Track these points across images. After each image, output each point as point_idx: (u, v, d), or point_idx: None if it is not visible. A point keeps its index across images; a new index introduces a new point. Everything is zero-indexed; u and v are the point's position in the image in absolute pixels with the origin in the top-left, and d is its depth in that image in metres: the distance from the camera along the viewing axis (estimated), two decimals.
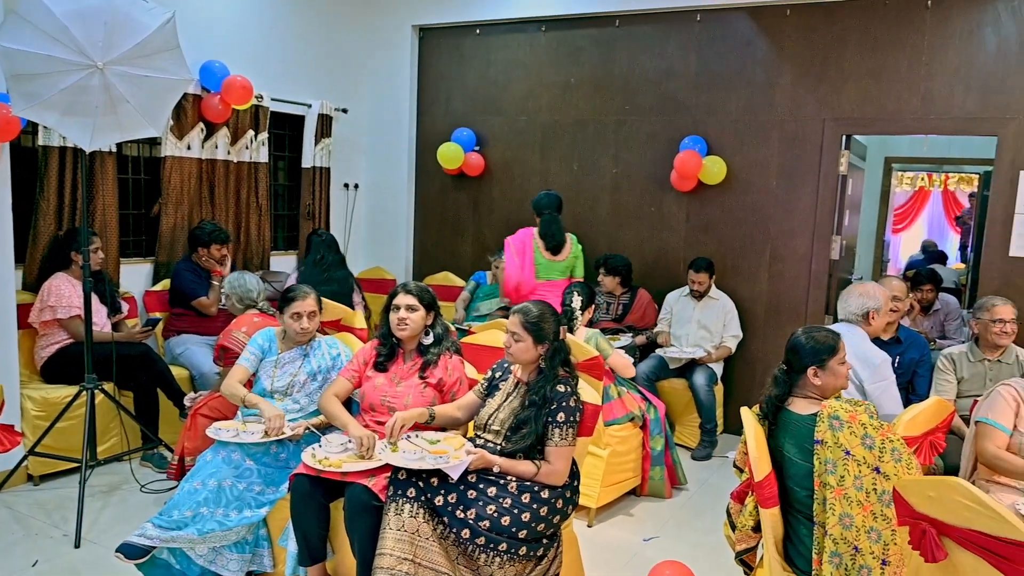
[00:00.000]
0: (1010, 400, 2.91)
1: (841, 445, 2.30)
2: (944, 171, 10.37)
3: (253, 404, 2.98)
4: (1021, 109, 4.38)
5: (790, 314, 4.96)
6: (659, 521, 3.83)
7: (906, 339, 3.94)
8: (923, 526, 2.10)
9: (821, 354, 2.46)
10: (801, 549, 2.44)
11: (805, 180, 4.93)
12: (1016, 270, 4.46)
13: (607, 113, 5.51)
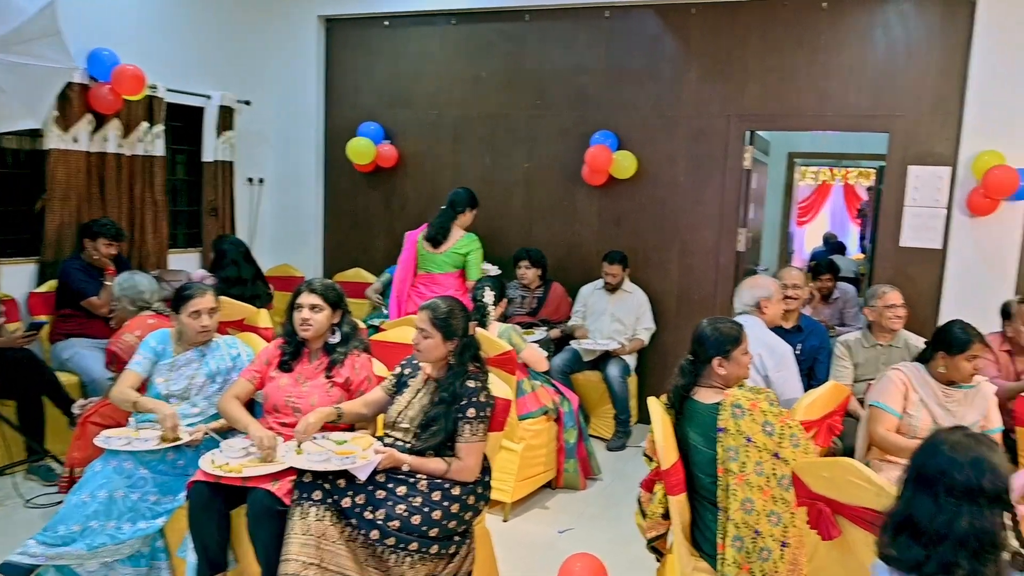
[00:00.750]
0: (899, 383, 3.09)
1: (743, 432, 2.39)
2: (844, 166, 10.93)
3: (146, 408, 2.85)
4: (909, 107, 4.66)
5: (700, 306, 5.12)
6: (574, 513, 3.88)
7: (807, 327, 4.12)
8: (819, 506, 2.22)
9: (725, 345, 2.55)
10: (707, 534, 2.52)
11: (712, 174, 5.10)
12: (907, 259, 4.75)
13: (519, 107, 5.54)
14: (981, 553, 1.47)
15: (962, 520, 1.47)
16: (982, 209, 4.43)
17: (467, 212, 4.76)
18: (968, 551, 1.47)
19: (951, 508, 1.49)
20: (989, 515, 1.48)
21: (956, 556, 1.47)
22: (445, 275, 4.65)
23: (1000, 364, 3.68)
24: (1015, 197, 4.33)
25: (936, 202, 4.65)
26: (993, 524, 1.48)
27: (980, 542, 1.47)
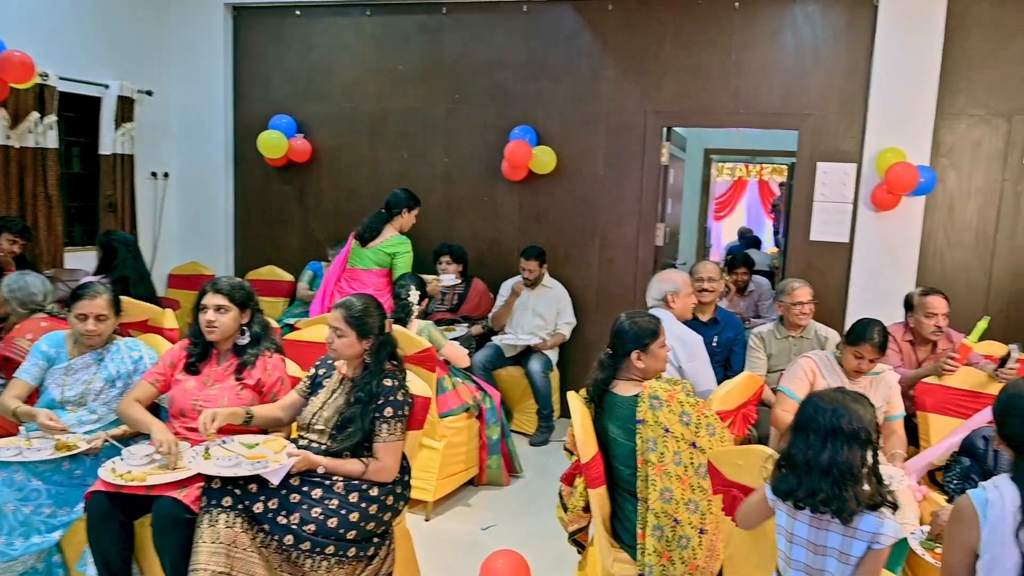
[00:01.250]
0: (807, 370, 3.24)
1: (661, 423, 2.45)
2: (758, 162, 11.33)
3: (25, 416, 2.70)
4: (818, 106, 4.87)
5: (620, 300, 5.22)
6: (497, 509, 3.91)
7: (723, 320, 4.26)
8: (734, 492, 2.29)
9: (644, 338, 2.61)
10: (627, 525, 2.58)
11: (630, 170, 5.20)
12: (817, 253, 4.97)
13: (437, 101, 5.52)
14: (841, 482, 1.75)
15: (824, 454, 1.78)
16: (885, 204, 4.67)
17: (404, 213, 4.70)
18: (830, 480, 1.76)
19: (817, 445, 1.80)
20: (847, 451, 1.77)
21: (820, 484, 1.77)
22: (368, 272, 4.60)
23: (903, 354, 3.88)
24: (915, 192, 4.58)
25: (843, 197, 4.87)
26: (850, 458, 1.77)
27: (840, 472, 1.76)
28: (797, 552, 1.84)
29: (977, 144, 4.70)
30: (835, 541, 1.80)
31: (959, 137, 4.72)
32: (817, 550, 1.81)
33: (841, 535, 1.79)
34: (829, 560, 1.81)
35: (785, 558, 1.87)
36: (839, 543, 1.79)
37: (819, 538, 1.81)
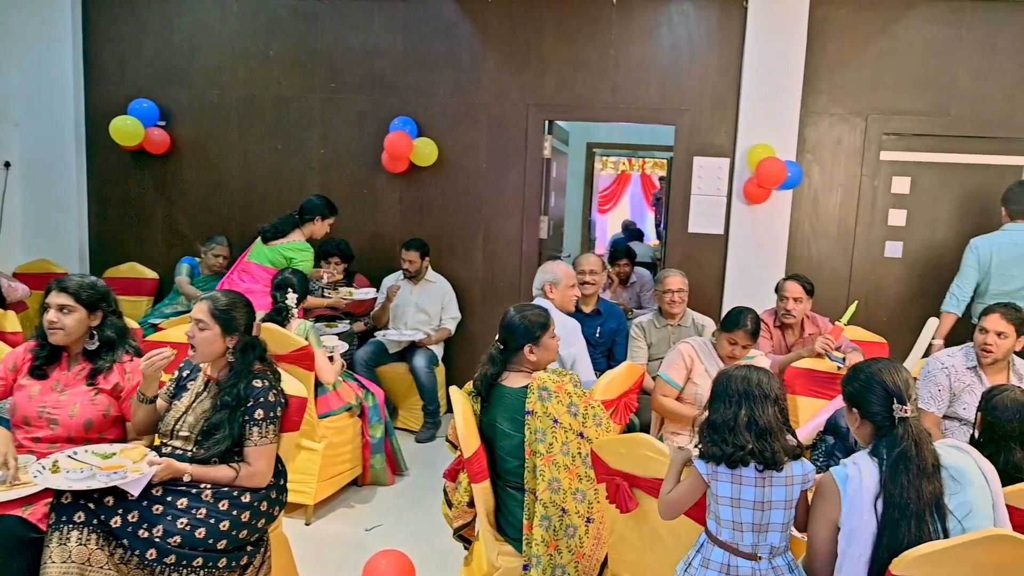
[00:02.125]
0: (685, 356, 3.38)
1: (550, 414, 2.51)
2: (640, 156, 11.72)
3: None
4: (693, 102, 5.08)
5: (505, 293, 5.27)
6: (382, 509, 3.87)
7: (605, 311, 4.38)
8: (617, 480, 2.36)
9: (535, 331, 2.66)
10: (511, 519, 2.61)
11: (513, 163, 5.25)
12: (695, 244, 5.19)
13: (312, 90, 5.37)
14: (764, 435, 1.96)
15: (743, 414, 1.98)
16: (756, 197, 4.93)
17: (318, 221, 4.57)
18: (754, 434, 1.96)
19: (735, 408, 2.00)
20: (762, 409, 1.98)
21: (746, 439, 1.96)
22: (261, 267, 4.43)
23: (774, 339, 4.12)
24: (784, 186, 4.86)
25: (718, 191, 5.11)
26: (766, 415, 1.98)
27: (760, 427, 1.96)
28: (744, 515, 1.98)
29: (838, 141, 5.05)
30: (780, 494, 1.97)
31: (822, 134, 5.05)
32: (764, 506, 1.97)
33: (784, 486, 1.98)
34: (775, 512, 1.98)
35: (734, 524, 2.00)
36: (783, 494, 1.98)
37: (765, 495, 1.97)
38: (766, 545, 1.98)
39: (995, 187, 4.96)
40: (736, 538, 1.99)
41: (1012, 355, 3.21)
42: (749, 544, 1.98)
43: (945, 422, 3.26)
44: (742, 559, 1.98)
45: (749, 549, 1.98)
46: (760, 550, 1.98)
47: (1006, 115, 4.88)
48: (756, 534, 1.98)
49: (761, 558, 1.98)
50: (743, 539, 1.98)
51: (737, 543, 1.99)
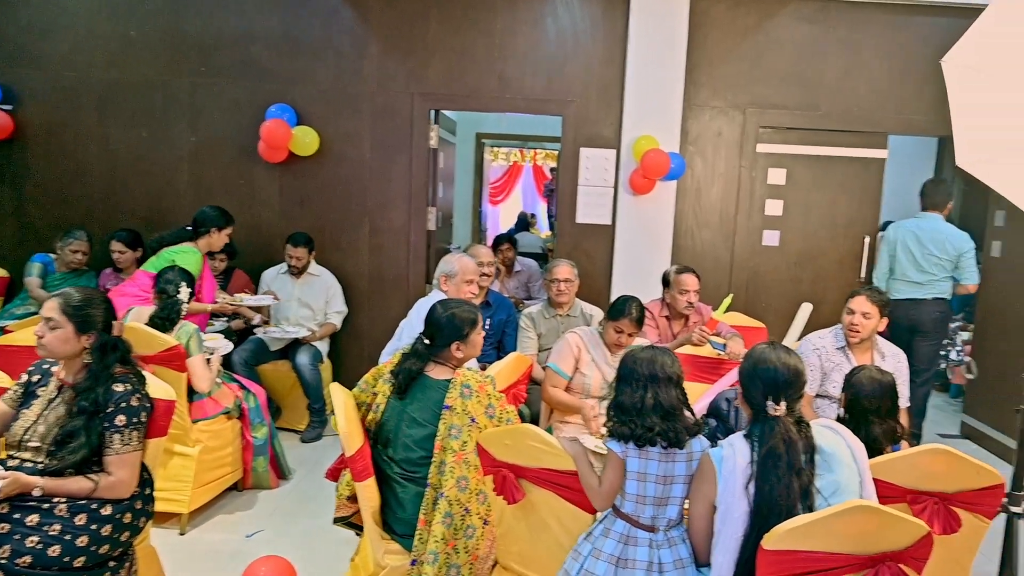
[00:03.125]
0: (573, 346, 3.44)
1: (468, 412, 2.51)
2: (531, 147, 11.84)
3: None
4: (579, 93, 5.16)
5: (393, 285, 5.20)
6: (265, 514, 3.75)
7: (495, 302, 4.40)
8: (503, 472, 2.37)
9: (463, 328, 2.65)
10: (399, 514, 2.58)
11: (398, 152, 5.18)
12: (583, 235, 5.28)
13: (180, 74, 5.11)
14: (668, 416, 2.09)
15: (648, 396, 2.10)
16: (642, 188, 5.07)
17: (214, 233, 4.26)
18: (658, 415, 2.08)
19: (641, 391, 2.12)
20: (666, 391, 2.11)
21: (652, 420, 2.08)
22: (147, 274, 4.12)
23: (660, 328, 4.25)
24: (668, 177, 5.02)
25: (604, 182, 5.22)
26: (670, 397, 2.11)
27: (664, 409, 2.09)
28: (649, 488, 2.11)
29: (718, 133, 5.26)
30: (682, 468, 2.12)
31: (703, 126, 5.25)
32: (667, 480, 2.11)
33: (685, 462, 2.12)
34: (676, 487, 2.12)
35: (639, 498, 2.12)
36: (685, 469, 2.12)
37: (668, 470, 2.11)
38: (664, 518, 2.12)
39: (862, 179, 5.31)
40: (638, 511, 2.12)
41: (876, 335, 3.44)
42: (649, 517, 2.12)
43: (817, 400, 3.45)
44: (641, 530, 2.12)
45: (648, 521, 2.12)
46: (658, 522, 2.12)
47: (870, 110, 5.21)
48: (656, 507, 2.12)
49: (658, 530, 2.12)
50: (644, 512, 2.12)
51: (638, 515, 2.12)
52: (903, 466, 2.29)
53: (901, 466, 2.29)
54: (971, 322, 6.21)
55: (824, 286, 5.36)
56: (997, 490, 2.29)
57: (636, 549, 2.10)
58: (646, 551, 2.09)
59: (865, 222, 5.37)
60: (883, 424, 2.57)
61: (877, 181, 5.36)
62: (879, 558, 1.85)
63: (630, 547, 2.11)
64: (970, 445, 5.40)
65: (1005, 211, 5.20)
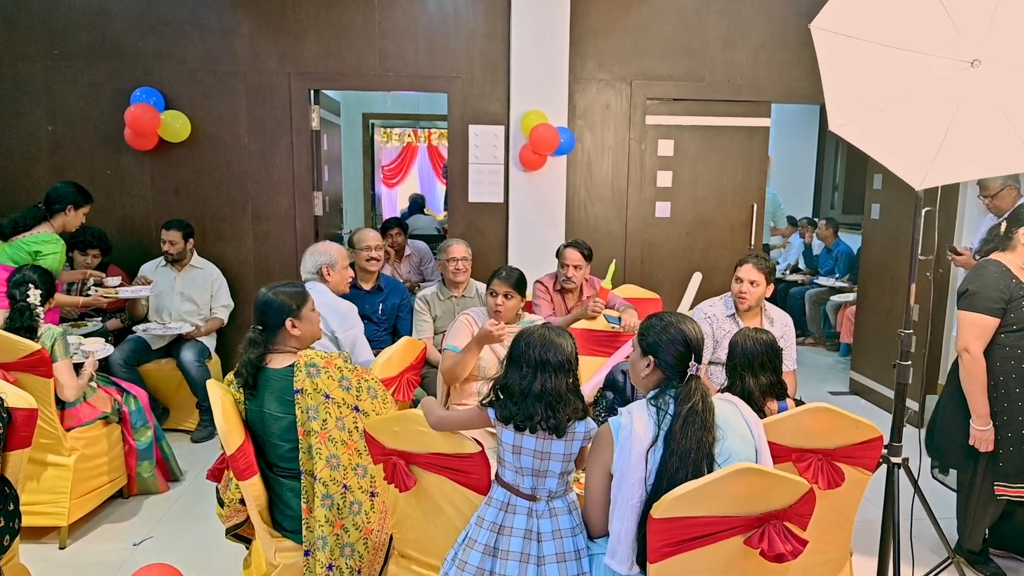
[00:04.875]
0: (467, 326, 3.40)
1: (320, 390, 2.44)
2: (423, 127, 11.68)
3: None
4: (464, 69, 5.10)
5: (282, 274, 5.04)
6: (153, 520, 3.61)
7: (387, 286, 4.33)
8: (393, 460, 2.33)
9: (293, 304, 2.57)
10: (287, 511, 2.52)
11: (279, 136, 5.00)
12: (476, 214, 5.25)
13: (29, 57, 4.77)
14: (553, 405, 2.05)
15: (536, 383, 2.06)
16: (533, 164, 5.08)
17: (70, 211, 4.05)
18: (543, 403, 2.05)
19: (530, 376, 2.07)
20: (555, 379, 2.06)
21: (535, 408, 2.05)
22: (5, 268, 3.81)
23: (555, 303, 4.27)
24: (558, 152, 5.04)
25: (495, 159, 5.20)
26: (558, 385, 2.06)
27: (551, 397, 2.05)
28: (525, 461, 2.10)
29: (606, 106, 5.31)
30: (559, 448, 2.09)
31: (591, 100, 5.28)
32: (543, 456, 2.09)
33: (564, 441, 2.10)
34: (553, 463, 2.10)
35: (516, 468, 2.12)
36: (562, 448, 2.10)
37: (545, 447, 2.09)
38: (544, 489, 2.12)
39: (747, 147, 5.48)
40: (517, 480, 2.13)
41: (764, 301, 3.55)
42: (528, 487, 2.12)
43: (709, 367, 3.55)
44: (521, 499, 2.13)
45: (528, 491, 2.13)
46: (539, 492, 2.12)
47: (752, 79, 5.37)
48: (535, 478, 2.12)
49: (539, 499, 2.12)
50: (523, 482, 2.13)
51: (518, 484, 2.13)
52: (788, 426, 2.37)
53: (786, 426, 2.37)
54: (855, 283, 6.55)
55: (716, 254, 5.52)
56: (876, 443, 2.40)
57: (515, 517, 2.11)
58: (524, 519, 2.10)
59: (752, 190, 5.55)
60: (759, 379, 2.69)
61: (762, 149, 5.55)
62: (765, 517, 1.90)
63: (509, 514, 2.12)
64: (858, 400, 5.71)
65: (882, 175, 5.48)
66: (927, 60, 2.47)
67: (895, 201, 5.37)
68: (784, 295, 7.83)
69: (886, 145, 2.62)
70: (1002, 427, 2.99)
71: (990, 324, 2.96)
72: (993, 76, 2.40)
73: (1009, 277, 2.96)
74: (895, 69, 2.52)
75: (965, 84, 2.42)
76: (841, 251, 7.76)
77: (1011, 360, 2.96)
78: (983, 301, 2.95)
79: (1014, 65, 2.38)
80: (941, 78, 2.46)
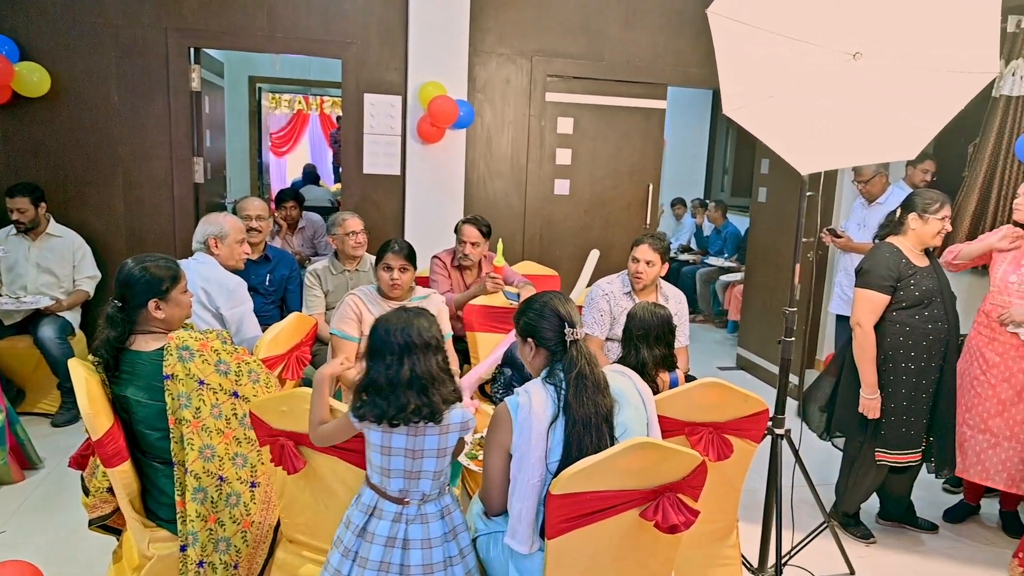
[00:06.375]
0: (353, 308, 3.32)
1: (194, 376, 2.30)
2: (315, 94, 11.30)
3: None
4: (359, 35, 4.94)
5: (157, 244, 4.77)
6: (7, 512, 3.36)
7: (275, 257, 4.18)
8: (281, 441, 2.24)
9: (161, 285, 2.39)
10: (162, 499, 2.39)
11: (154, 96, 4.70)
12: (371, 186, 5.13)
13: None
14: (426, 388, 1.93)
15: (404, 369, 1.93)
16: (431, 136, 4.99)
17: None
18: (416, 389, 1.93)
19: (396, 364, 1.94)
20: (424, 360, 1.95)
21: (408, 396, 1.92)
22: None
23: (452, 279, 4.24)
24: (457, 125, 4.98)
25: (391, 130, 5.08)
26: (429, 366, 1.96)
27: (423, 380, 1.94)
28: (395, 462, 1.97)
29: (506, 81, 5.27)
30: (432, 442, 1.98)
31: (491, 73, 5.24)
32: (415, 455, 1.97)
33: (437, 435, 1.98)
34: (427, 461, 1.98)
35: (383, 470, 1.99)
36: (436, 443, 1.98)
37: (416, 444, 1.97)
38: (417, 492, 2.00)
39: (644, 128, 5.58)
40: (384, 483, 2.00)
41: (659, 279, 3.64)
42: (397, 490, 1.99)
43: (607, 344, 3.61)
44: (389, 502, 2.00)
45: (397, 494, 2.00)
46: (410, 496, 2.00)
47: (650, 62, 5.46)
48: (407, 480, 1.99)
49: (409, 503, 2.00)
50: (391, 485, 2.00)
51: (385, 488, 2.01)
52: (680, 401, 2.44)
53: (679, 401, 2.44)
54: (743, 262, 6.83)
55: (613, 232, 5.62)
56: (763, 415, 2.52)
57: (379, 523, 1.99)
58: (388, 525, 1.98)
59: (648, 170, 5.67)
60: (653, 350, 2.81)
61: (658, 131, 5.67)
62: (660, 490, 1.95)
63: (374, 519, 1.99)
64: (744, 375, 5.98)
65: (769, 160, 5.71)
66: (814, 50, 2.57)
67: (781, 185, 5.61)
68: (676, 274, 8.10)
69: (775, 131, 2.73)
70: (887, 398, 3.22)
71: (881, 301, 3.19)
72: (872, 69, 2.52)
73: (900, 258, 3.20)
74: (785, 58, 2.62)
75: (848, 75, 2.54)
76: (730, 232, 8.09)
77: (899, 336, 3.19)
78: (875, 279, 3.18)
79: (891, 59, 2.51)
80: (826, 68, 2.57)
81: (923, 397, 3.24)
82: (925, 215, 3.20)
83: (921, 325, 3.18)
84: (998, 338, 3.40)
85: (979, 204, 4.23)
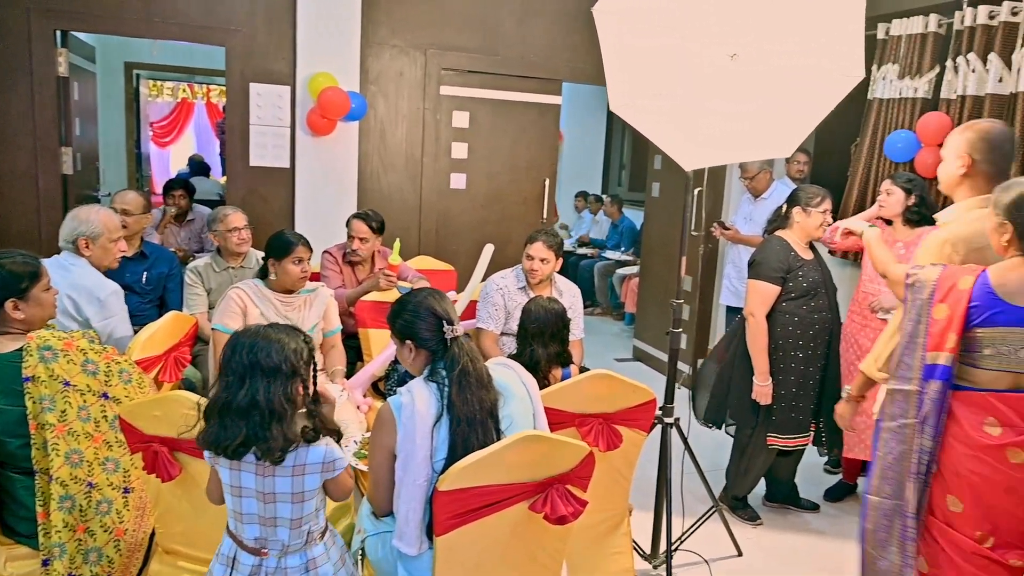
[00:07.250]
0: (237, 301, 3.22)
1: (58, 377, 2.18)
2: (200, 82, 10.86)
3: None
4: (245, 22, 4.77)
5: (21, 239, 4.45)
6: None
7: (152, 254, 3.99)
8: (154, 447, 2.15)
9: (20, 283, 2.26)
10: (22, 513, 2.27)
11: (16, 81, 4.40)
12: (258, 178, 4.96)
13: None
14: (263, 421, 1.73)
15: (242, 394, 1.74)
16: (321, 129, 4.87)
17: None
18: (251, 421, 1.73)
19: (236, 386, 1.75)
20: (267, 388, 1.75)
21: (241, 426, 1.73)
22: None
23: (344, 274, 4.16)
24: (348, 117, 4.87)
25: (280, 121, 4.93)
26: (272, 395, 1.74)
27: (261, 412, 1.73)
28: (248, 505, 1.81)
29: (400, 73, 5.21)
30: (285, 485, 1.79)
31: (384, 66, 5.16)
32: (267, 498, 1.80)
33: (290, 477, 1.79)
34: (280, 506, 1.81)
35: (236, 514, 1.83)
36: (289, 486, 1.80)
37: (267, 486, 1.79)
38: (276, 541, 1.84)
39: (540, 124, 5.63)
40: (239, 529, 1.86)
41: (554, 274, 3.69)
42: (252, 538, 1.84)
43: (502, 338, 3.63)
44: (246, 553, 1.85)
45: (253, 543, 1.85)
46: (269, 547, 1.85)
47: (545, 57, 5.51)
48: (263, 527, 1.84)
49: (267, 554, 1.85)
50: (246, 532, 1.84)
51: (240, 535, 1.86)
52: (571, 392, 2.48)
53: (569, 393, 2.48)
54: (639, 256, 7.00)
55: (510, 227, 5.64)
56: (651, 405, 2.59)
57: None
58: None
59: (544, 165, 5.72)
60: (548, 348, 2.87)
61: (554, 126, 5.73)
62: (548, 482, 1.97)
63: (234, 572, 1.84)
64: (640, 366, 6.13)
65: (661, 156, 5.87)
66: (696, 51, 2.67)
67: (672, 180, 5.79)
68: (575, 268, 8.24)
69: (660, 128, 2.82)
70: (778, 385, 3.39)
71: (771, 292, 3.35)
72: (748, 70, 2.64)
73: (789, 251, 3.38)
74: (669, 57, 2.71)
75: (727, 75, 2.65)
76: (626, 226, 8.29)
77: (788, 325, 3.36)
78: (766, 271, 3.34)
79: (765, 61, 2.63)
80: (707, 68, 2.67)
81: (811, 383, 3.42)
82: (808, 208, 3.38)
83: (808, 315, 3.36)
84: (869, 324, 3.63)
85: (859, 200, 4.48)
